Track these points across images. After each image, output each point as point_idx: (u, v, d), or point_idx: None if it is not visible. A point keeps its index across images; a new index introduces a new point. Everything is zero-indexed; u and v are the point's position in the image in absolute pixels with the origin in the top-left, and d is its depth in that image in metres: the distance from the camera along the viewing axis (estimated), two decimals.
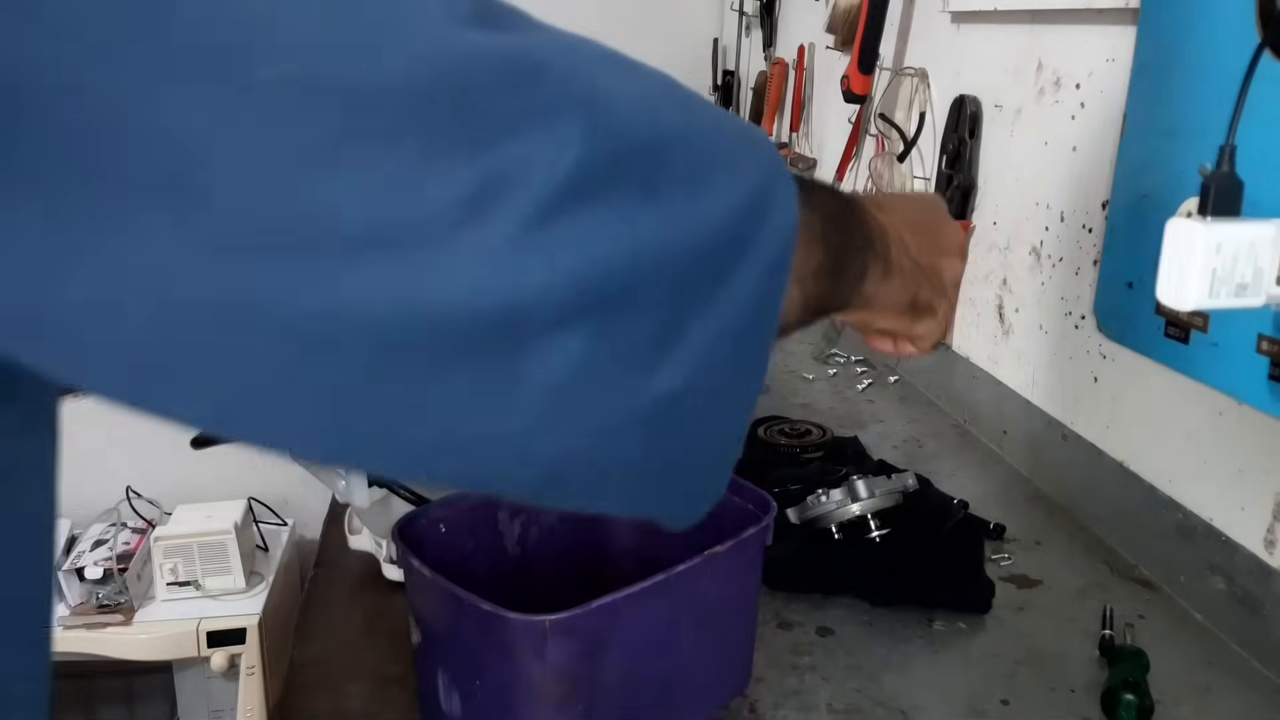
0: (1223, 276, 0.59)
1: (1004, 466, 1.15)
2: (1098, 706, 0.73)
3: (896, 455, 1.16)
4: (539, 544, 0.76)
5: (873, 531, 0.87)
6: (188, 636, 1.96)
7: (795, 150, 1.98)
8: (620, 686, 0.62)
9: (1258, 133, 0.68)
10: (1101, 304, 0.97)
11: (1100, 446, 1.00)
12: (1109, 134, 0.95)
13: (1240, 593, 0.81)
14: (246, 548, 2.04)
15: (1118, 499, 0.96)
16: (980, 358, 1.25)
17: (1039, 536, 0.99)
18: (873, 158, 1.52)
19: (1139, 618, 0.85)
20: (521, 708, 0.60)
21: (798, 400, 1.34)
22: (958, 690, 0.75)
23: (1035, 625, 0.84)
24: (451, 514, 0.71)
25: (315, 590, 0.88)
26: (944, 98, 1.30)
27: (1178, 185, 0.83)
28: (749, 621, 0.74)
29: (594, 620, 0.59)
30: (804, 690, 0.75)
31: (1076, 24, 1.03)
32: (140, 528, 2.12)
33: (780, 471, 1.02)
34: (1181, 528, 0.88)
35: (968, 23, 1.27)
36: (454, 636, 0.63)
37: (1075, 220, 1.04)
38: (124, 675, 2.22)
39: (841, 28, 1.63)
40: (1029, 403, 1.13)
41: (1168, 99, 0.85)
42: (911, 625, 0.83)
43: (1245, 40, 0.72)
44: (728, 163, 0.35)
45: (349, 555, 0.92)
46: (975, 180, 1.24)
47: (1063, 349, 1.07)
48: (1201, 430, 0.86)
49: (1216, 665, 0.79)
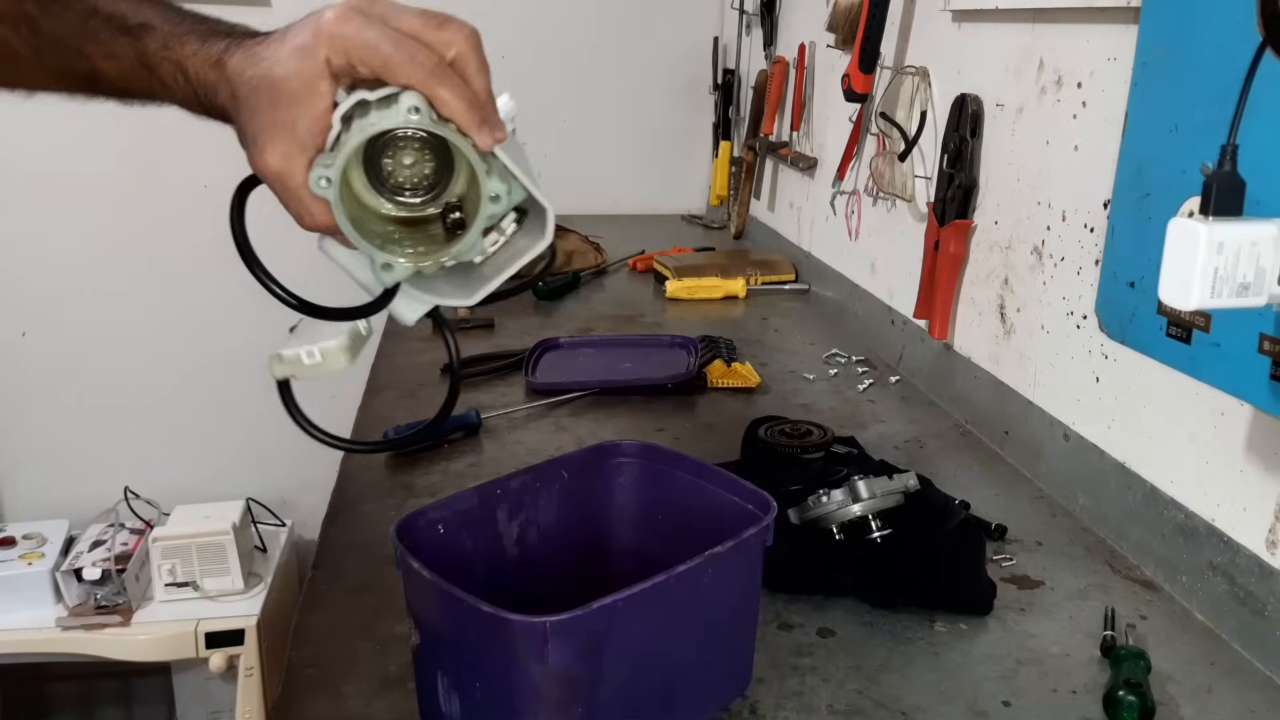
0: (1225, 276, 0.59)
1: (1005, 467, 1.15)
2: (1099, 707, 0.73)
3: (898, 455, 1.16)
4: (539, 544, 0.76)
5: (874, 532, 0.87)
6: (186, 637, 1.96)
7: (796, 149, 1.98)
8: (621, 688, 0.62)
9: (1260, 132, 0.68)
10: (1103, 304, 0.97)
11: (1102, 447, 1.00)
12: (1111, 133, 0.95)
13: (1242, 593, 0.81)
14: (245, 548, 2.04)
15: (1119, 499, 0.96)
16: (982, 357, 1.24)
17: (1040, 537, 0.99)
18: (874, 157, 1.51)
19: (1140, 618, 0.85)
20: (522, 709, 0.60)
21: (798, 400, 1.34)
22: (959, 691, 0.75)
23: (1037, 626, 0.84)
24: (451, 515, 0.70)
25: (314, 591, 0.88)
26: (945, 97, 1.30)
27: (1180, 185, 0.83)
28: (749, 622, 0.73)
29: (595, 621, 0.59)
30: (805, 691, 0.75)
31: (1078, 23, 1.03)
32: (138, 528, 2.12)
33: (780, 471, 1.02)
34: (1183, 528, 0.87)
35: (969, 21, 1.27)
36: (454, 638, 0.62)
37: (1077, 220, 1.04)
38: (122, 676, 2.21)
39: (842, 26, 1.63)
40: (1030, 403, 1.12)
41: (1169, 98, 0.85)
42: (913, 626, 0.83)
43: (1247, 40, 0.72)
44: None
45: (348, 556, 0.92)
46: (977, 179, 1.23)
47: (1064, 349, 1.06)
48: (1203, 430, 0.86)
49: (1218, 666, 0.79)
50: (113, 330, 2.43)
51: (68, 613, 1.97)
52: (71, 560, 1.99)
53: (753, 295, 1.87)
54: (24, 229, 2.33)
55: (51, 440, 2.47)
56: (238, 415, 2.53)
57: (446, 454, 1.13)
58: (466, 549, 0.71)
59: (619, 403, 1.31)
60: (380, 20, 0.53)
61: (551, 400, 1.29)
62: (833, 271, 1.77)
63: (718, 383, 1.37)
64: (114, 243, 2.38)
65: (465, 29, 0.55)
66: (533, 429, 1.22)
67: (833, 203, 1.73)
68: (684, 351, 1.43)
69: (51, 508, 2.30)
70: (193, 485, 2.34)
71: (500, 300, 1.68)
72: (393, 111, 0.54)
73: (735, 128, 2.39)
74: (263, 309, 0.65)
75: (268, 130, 0.54)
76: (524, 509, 0.75)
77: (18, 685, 2.17)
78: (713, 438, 1.20)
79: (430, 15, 0.55)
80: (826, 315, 1.76)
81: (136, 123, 2.54)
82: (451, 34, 0.54)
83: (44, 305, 2.39)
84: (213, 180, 2.38)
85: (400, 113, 0.54)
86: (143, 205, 2.36)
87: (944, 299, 1.29)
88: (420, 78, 0.53)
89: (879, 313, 1.55)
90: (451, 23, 0.55)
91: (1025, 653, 0.80)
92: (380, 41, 0.52)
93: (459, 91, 0.53)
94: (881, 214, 1.55)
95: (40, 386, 2.43)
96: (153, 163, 2.34)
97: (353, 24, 0.52)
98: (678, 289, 1.84)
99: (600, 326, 1.64)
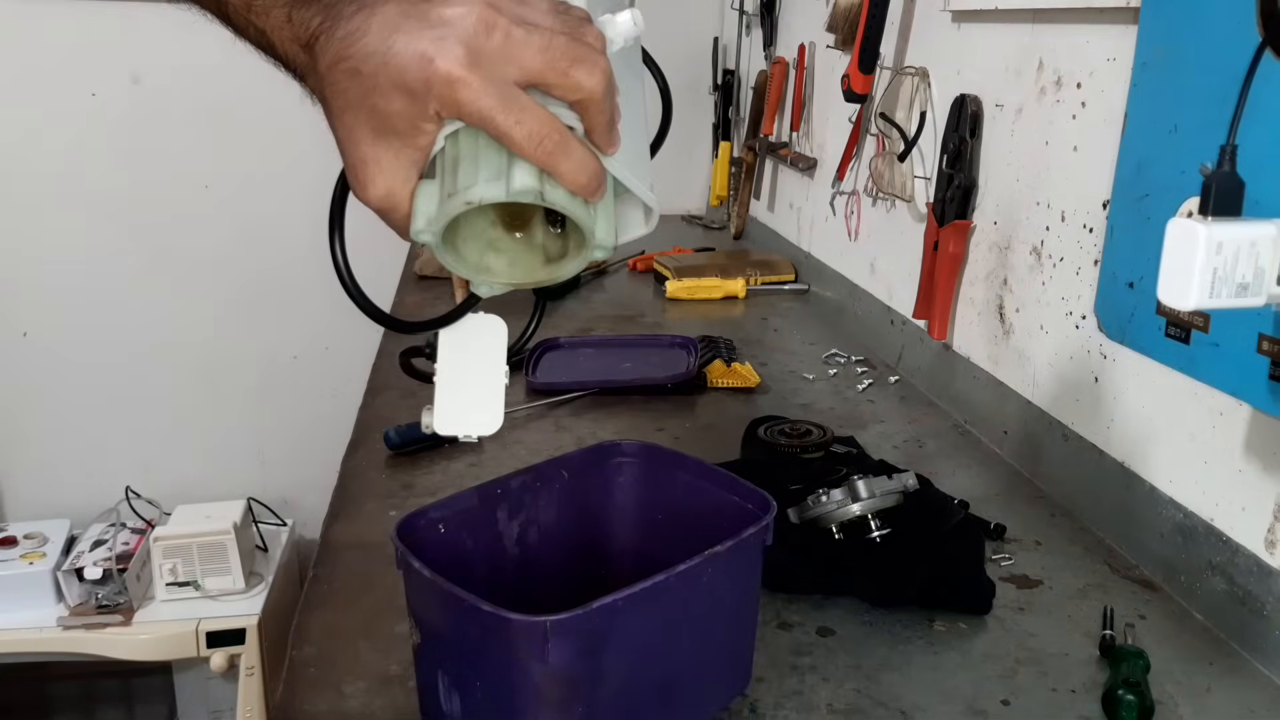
0: (1224, 276, 0.59)
1: (1004, 466, 1.15)
2: (1098, 707, 0.73)
3: (897, 455, 1.16)
4: (539, 544, 0.76)
5: (873, 531, 0.87)
6: (187, 637, 1.96)
7: (795, 150, 1.98)
8: (621, 687, 0.62)
9: (1259, 132, 0.68)
10: (1102, 304, 0.97)
11: (1101, 446, 1.00)
12: (1110, 133, 0.95)
13: (1241, 593, 0.81)
14: (246, 548, 2.04)
15: (1118, 499, 0.96)
16: (981, 358, 1.24)
17: (1039, 536, 0.99)
18: (873, 157, 1.52)
19: (1139, 618, 0.85)
20: (522, 709, 0.60)
21: (798, 400, 1.34)
22: (958, 690, 0.75)
23: (1036, 625, 0.84)
24: (451, 514, 0.70)
25: (314, 590, 0.88)
26: (945, 97, 1.30)
27: (1179, 185, 0.83)
28: (749, 622, 0.73)
29: (595, 621, 0.59)
30: (804, 690, 0.75)
31: (1077, 23, 1.03)
32: (139, 528, 2.12)
33: (780, 471, 1.02)
34: (1182, 528, 0.88)
35: (968, 22, 1.27)
36: (454, 637, 0.63)
37: (1076, 220, 1.04)
38: (123, 676, 2.22)
39: (842, 27, 1.63)
40: (1029, 402, 1.13)
41: (1169, 98, 0.85)
42: (912, 625, 0.83)
43: (1246, 40, 0.72)
44: None
45: (349, 555, 0.92)
46: (976, 180, 1.24)
47: (1063, 349, 1.07)
48: (1202, 430, 0.86)
49: (1217, 666, 0.79)
50: (113, 330, 2.43)
51: (69, 612, 1.97)
52: (73, 560, 1.99)
53: (752, 295, 1.88)
54: (24, 229, 2.34)
55: (52, 440, 2.47)
56: (239, 415, 2.53)
57: (446, 454, 1.13)
58: (467, 549, 0.71)
59: (619, 403, 1.31)
60: (500, 69, 0.47)
61: (551, 400, 1.30)
62: (832, 272, 1.77)
63: (717, 383, 1.37)
64: (114, 243, 2.38)
65: (597, 70, 0.48)
66: (533, 429, 1.22)
67: (832, 203, 1.73)
68: (684, 351, 1.43)
69: (53, 507, 2.31)
70: (194, 485, 2.35)
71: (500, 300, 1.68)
72: (502, 182, 0.49)
73: (735, 128, 2.39)
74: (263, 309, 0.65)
75: (369, 164, 0.49)
76: (524, 509, 0.75)
77: (19, 685, 2.17)
78: (713, 438, 1.20)
79: (559, 48, 0.47)
80: (826, 315, 1.76)
81: (137, 122, 2.55)
82: (582, 76, 0.48)
83: (44, 305, 2.39)
84: (213, 180, 2.40)
85: (508, 189, 0.49)
86: (143, 205, 2.37)
87: (943, 299, 1.29)
88: (538, 157, 0.48)
89: (878, 313, 1.55)
90: (583, 61, 0.48)
91: (1024, 652, 0.80)
92: (496, 114, 0.47)
93: (579, 167, 0.49)
94: (881, 214, 1.55)
95: (41, 386, 2.43)
96: (153, 163, 2.35)
97: (469, 88, 0.46)
98: (678, 289, 1.84)
99: (600, 326, 1.64)
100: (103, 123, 2.31)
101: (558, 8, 0.49)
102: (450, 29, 0.46)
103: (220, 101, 2.28)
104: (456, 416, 0.62)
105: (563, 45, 0.47)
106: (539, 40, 0.47)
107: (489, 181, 0.49)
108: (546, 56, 0.47)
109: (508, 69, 0.47)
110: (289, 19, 0.49)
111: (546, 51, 0.47)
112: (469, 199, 0.49)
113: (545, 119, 0.47)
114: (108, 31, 2.25)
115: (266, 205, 2.38)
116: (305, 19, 0.48)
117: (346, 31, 0.47)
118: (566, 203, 0.50)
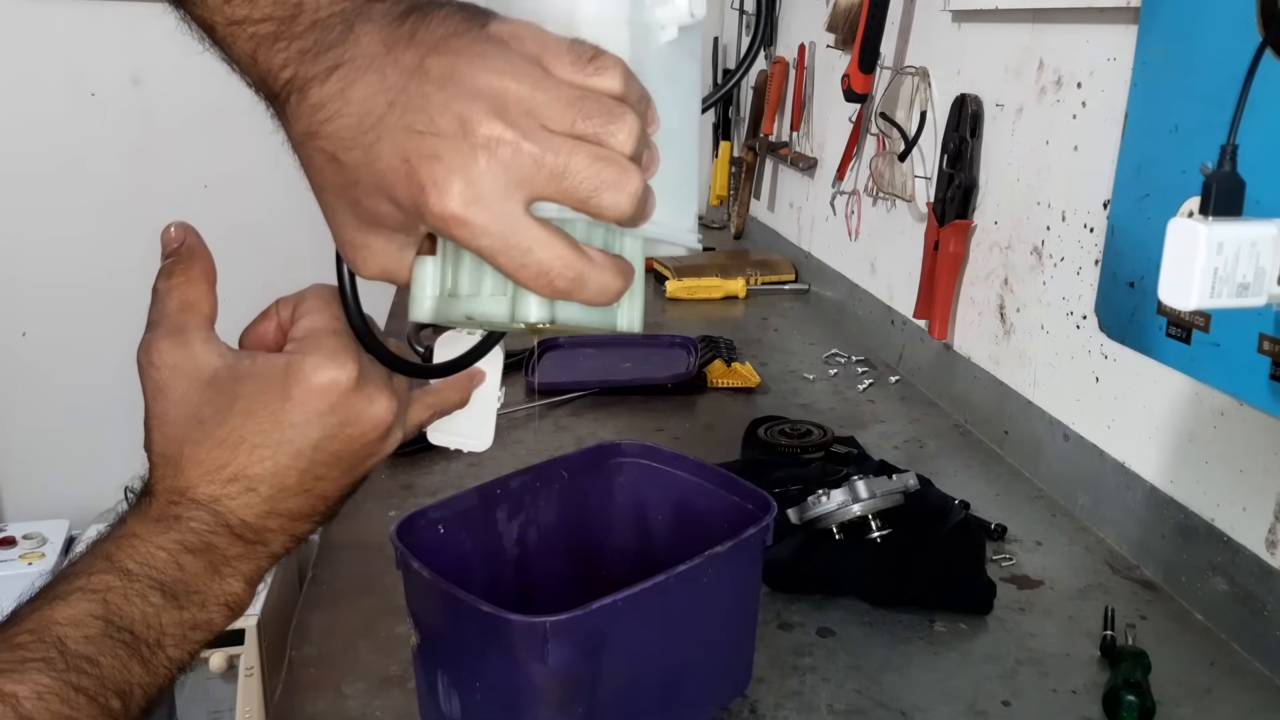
0: (1224, 276, 0.59)
1: (1005, 466, 1.15)
2: (1099, 707, 0.73)
3: (897, 455, 1.16)
4: (538, 544, 0.76)
5: (874, 532, 0.87)
6: None
7: (795, 150, 1.98)
8: (621, 688, 0.62)
9: (1260, 132, 0.68)
10: (1103, 304, 0.97)
11: (1101, 446, 1.00)
12: (1110, 133, 0.95)
13: (1241, 593, 0.81)
14: None
15: (1119, 499, 0.96)
16: (981, 357, 1.24)
17: (1040, 537, 0.99)
18: (873, 157, 1.51)
19: (1140, 618, 0.85)
20: (522, 709, 0.60)
21: (798, 400, 1.34)
22: (959, 691, 0.75)
23: (1036, 626, 0.84)
24: (451, 515, 0.70)
25: (314, 591, 0.88)
26: (945, 97, 1.30)
27: (1179, 185, 0.83)
28: (749, 622, 0.73)
29: (595, 621, 0.59)
30: (805, 691, 0.75)
31: (1078, 23, 1.03)
32: None
33: (780, 471, 1.02)
34: (1183, 528, 0.87)
35: (969, 21, 1.27)
36: (454, 638, 0.63)
37: (1076, 220, 1.04)
38: None
39: (842, 26, 1.63)
40: (1030, 402, 1.13)
41: (1169, 98, 0.85)
42: (912, 626, 0.83)
43: (1247, 40, 0.72)
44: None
45: (348, 556, 0.92)
46: (976, 179, 1.24)
47: (1064, 349, 1.06)
48: (1203, 430, 0.86)
49: (1218, 666, 0.79)
50: (113, 330, 2.42)
51: None
52: (72, 560, 1.99)
53: (753, 295, 1.87)
54: (24, 229, 2.34)
55: (52, 440, 2.47)
56: None
57: (446, 455, 1.13)
58: (466, 549, 0.71)
59: (619, 403, 1.31)
60: (503, 199, 0.38)
61: (551, 400, 1.30)
62: (832, 271, 1.77)
63: (718, 383, 1.37)
64: (114, 242, 2.38)
65: (624, 195, 0.39)
66: (533, 429, 1.22)
67: (832, 203, 1.73)
68: (684, 351, 1.43)
69: (52, 508, 2.30)
70: None
71: None
72: (507, 301, 0.43)
73: (735, 128, 2.39)
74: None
75: (359, 249, 0.44)
76: (524, 509, 0.75)
77: None
78: (713, 438, 1.20)
79: (578, 171, 0.39)
80: (826, 315, 1.76)
81: (137, 122, 2.55)
82: (606, 204, 0.39)
83: (44, 305, 2.39)
84: (213, 180, 2.40)
85: (512, 314, 0.43)
86: (143, 205, 2.37)
87: (944, 299, 1.29)
88: (549, 294, 0.41)
89: (879, 313, 1.55)
90: (608, 188, 0.39)
91: (1025, 652, 0.80)
92: (498, 255, 0.39)
93: (598, 292, 0.41)
94: (881, 214, 1.55)
95: (40, 386, 2.43)
96: (153, 163, 2.34)
97: (465, 228, 0.38)
98: (678, 289, 1.84)
99: None
100: (103, 123, 2.31)
101: (584, 70, 0.40)
102: (445, 146, 0.38)
103: (220, 101, 2.27)
104: (449, 428, 0.62)
105: (582, 166, 0.39)
106: (552, 162, 0.38)
107: (493, 296, 0.44)
108: (563, 185, 0.39)
109: (514, 194, 0.39)
110: (254, 60, 0.41)
111: (563, 179, 0.38)
112: (470, 313, 0.44)
113: (557, 254, 0.39)
114: (108, 31, 2.25)
115: (266, 205, 2.38)
116: (272, 65, 0.41)
117: (320, 100, 0.39)
118: (581, 319, 0.44)
